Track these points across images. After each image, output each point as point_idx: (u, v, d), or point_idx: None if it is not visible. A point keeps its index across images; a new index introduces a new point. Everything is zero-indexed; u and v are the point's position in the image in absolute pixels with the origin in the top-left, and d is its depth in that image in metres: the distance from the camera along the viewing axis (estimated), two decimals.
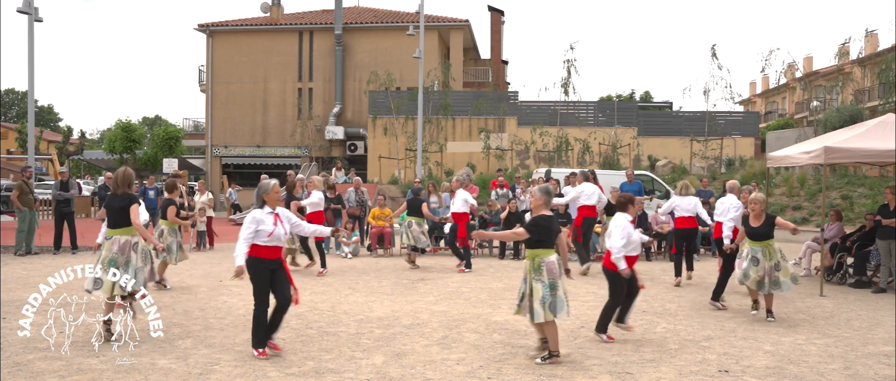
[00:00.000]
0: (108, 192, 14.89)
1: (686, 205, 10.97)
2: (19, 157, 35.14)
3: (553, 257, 6.16)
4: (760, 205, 8.43)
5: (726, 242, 9.52)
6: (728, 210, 10.25)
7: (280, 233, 6.29)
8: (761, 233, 8.30)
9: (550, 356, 6.19)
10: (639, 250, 7.45)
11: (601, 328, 7.11)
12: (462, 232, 12.67)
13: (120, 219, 7.01)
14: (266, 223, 6.22)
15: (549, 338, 6.24)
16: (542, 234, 6.15)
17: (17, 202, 14.23)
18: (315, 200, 12.06)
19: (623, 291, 7.08)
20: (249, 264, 6.17)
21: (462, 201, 12.88)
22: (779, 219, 8.48)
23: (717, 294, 9.07)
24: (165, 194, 10.54)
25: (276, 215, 6.34)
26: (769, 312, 8.32)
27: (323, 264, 11.87)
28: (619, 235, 6.97)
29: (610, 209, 12.11)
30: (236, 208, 24.83)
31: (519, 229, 6.30)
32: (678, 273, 11.05)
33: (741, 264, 8.48)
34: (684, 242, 11.23)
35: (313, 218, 11.74)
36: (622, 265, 6.91)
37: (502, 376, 5.84)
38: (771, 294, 8.31)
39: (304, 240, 12.03)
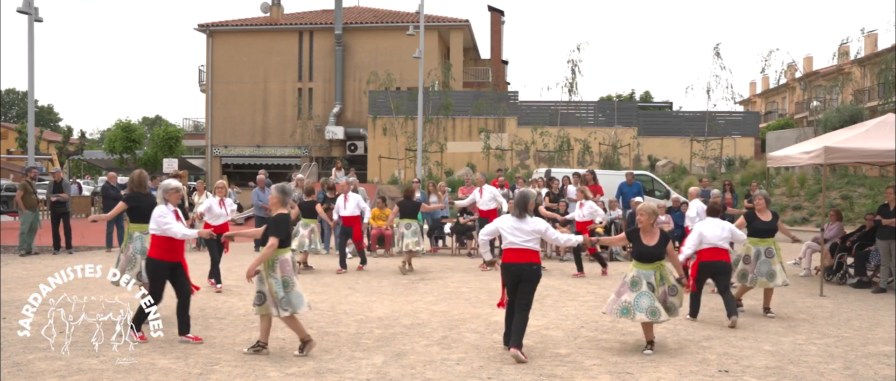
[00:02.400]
0: (113, 190, 14.87)
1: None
2: (19, 157, 35.13)
3: (288, 255, 6.37)
4: (649, 217, 6.79)
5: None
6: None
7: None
8: (654, 253, 6.74)
9: (304, 345, 6.36)
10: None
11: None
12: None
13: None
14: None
15: (294, 329, 6.41)
16: (281, 232, 6.29)
17: (21, 204, 14.20)
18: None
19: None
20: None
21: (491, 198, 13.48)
22: (669, 247, 6.79)
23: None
24: (305, 198, 12.45)
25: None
26: (650, 344, 6.80)
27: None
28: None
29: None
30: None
31: (272, 241, 6.22)
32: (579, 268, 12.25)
33: (621, 296, 6.73)
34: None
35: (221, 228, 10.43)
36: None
37: (502, 376, 5.84)
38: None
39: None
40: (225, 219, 10.79)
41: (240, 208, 24.50)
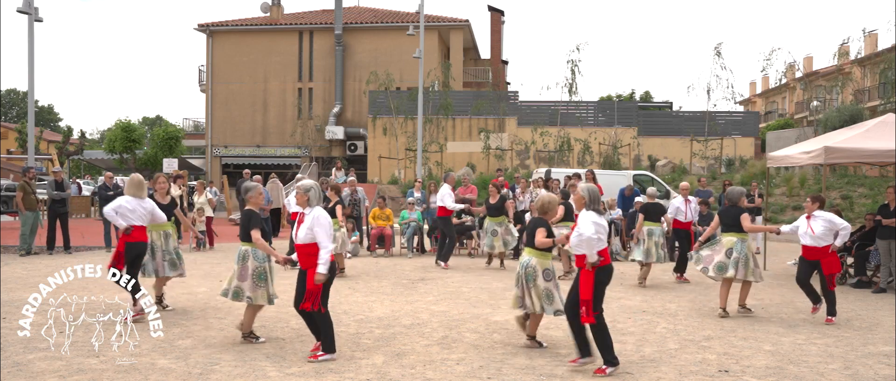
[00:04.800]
0: (108, 192, 14.90)
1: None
2: (19, 157, 35.11)
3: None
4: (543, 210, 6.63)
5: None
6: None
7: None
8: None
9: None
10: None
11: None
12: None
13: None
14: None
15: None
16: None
17: (21, 205, 14.12)
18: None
19: None
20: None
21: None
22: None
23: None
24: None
25: None
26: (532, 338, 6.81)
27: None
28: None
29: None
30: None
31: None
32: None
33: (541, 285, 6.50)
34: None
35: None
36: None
37: (502, 376, 5.84)
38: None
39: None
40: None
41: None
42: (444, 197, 13.18)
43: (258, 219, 6.79)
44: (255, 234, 6.61)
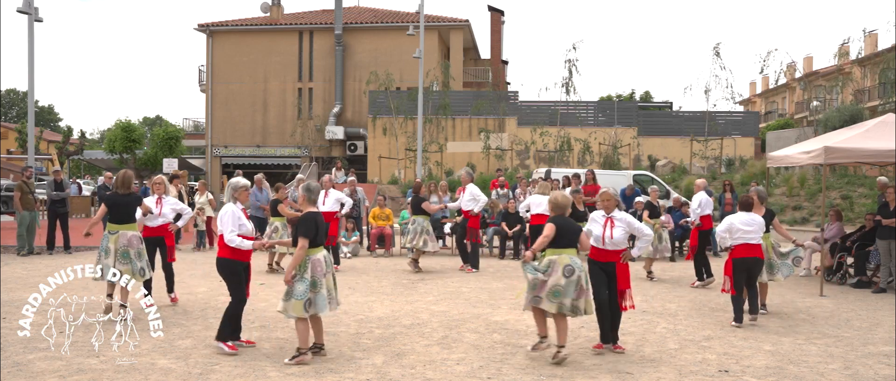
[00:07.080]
0: (108, 191, 14.91)
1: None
2: (19, 157, 35.09)
3: (320, 254, 6.15)
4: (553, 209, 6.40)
5: None
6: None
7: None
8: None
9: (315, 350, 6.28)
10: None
11: None
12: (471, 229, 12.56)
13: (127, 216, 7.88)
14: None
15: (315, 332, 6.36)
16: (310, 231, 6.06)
17: (18, 205, 14.10)
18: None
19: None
20: None
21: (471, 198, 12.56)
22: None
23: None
24: (272, 196, 12.83)
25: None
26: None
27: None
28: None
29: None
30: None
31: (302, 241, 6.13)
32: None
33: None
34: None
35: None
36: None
37: (502, 376, 5.84)
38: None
39: None
40: (162, 221, 8.82)
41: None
42: (477, 197, 12.65)
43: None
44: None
